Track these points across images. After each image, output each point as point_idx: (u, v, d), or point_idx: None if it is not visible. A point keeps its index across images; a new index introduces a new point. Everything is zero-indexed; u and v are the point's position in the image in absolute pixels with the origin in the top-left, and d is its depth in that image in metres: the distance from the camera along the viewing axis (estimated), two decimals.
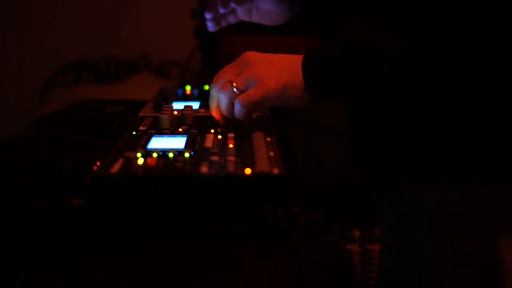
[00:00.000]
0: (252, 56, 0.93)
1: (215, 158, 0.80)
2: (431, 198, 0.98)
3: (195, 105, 1.13)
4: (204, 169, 0.76)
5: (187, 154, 0.82)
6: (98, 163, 0.78)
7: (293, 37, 1.52)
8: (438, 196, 0.97)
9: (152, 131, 0.94)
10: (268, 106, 0.95)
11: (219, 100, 0.94)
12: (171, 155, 0.81)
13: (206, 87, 1.28)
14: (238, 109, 0.92)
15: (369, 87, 0.93)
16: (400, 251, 1.03)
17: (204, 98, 1.21)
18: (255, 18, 1.15)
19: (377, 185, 1.11)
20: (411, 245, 1.01)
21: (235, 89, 0.92)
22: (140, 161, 0.79)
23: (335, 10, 1.09)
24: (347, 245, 0.84)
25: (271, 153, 0.81)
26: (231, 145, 0.86)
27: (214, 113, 0.95)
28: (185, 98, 1.24)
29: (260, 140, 0.88)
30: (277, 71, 0.91)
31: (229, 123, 0.96)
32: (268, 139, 0.89)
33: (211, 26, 1.16)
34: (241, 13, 1.15)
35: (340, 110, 1.15)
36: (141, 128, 0.96)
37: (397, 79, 0.90)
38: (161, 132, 0.94)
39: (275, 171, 0.75)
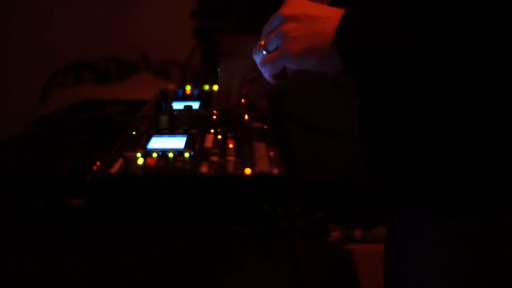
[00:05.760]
0: (288, 9, 0.87)
1: (215, 158, 0.80)
2: (444, 226, 0.90)
3: (195, 105, 1.13)
4: (204, 169, 0.76)
5: (187, 154, 0.81)
6: (98, 163, 0.78)
7: None
8: (452, 225, 0.89)
9: (152, 131, 0.94)
10: (293, 69, 0.90)
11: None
12: (171, 155, 0.81)
13: (206, 87, 1.28)
14: (264, 72, 0.91)
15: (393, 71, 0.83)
16: (405, 273, 0.97)
17: (204, 98, 1.21)
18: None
19: (390, 195, 1.01)
20: (416, 268, 0.94)
21: (264, 52, 0.89)
22: (140, 161, 0.79)
23: None
24: (347, 245, 0.83)
25: (271, 153, 0.81)
26: (231, 145, 0.85)
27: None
28: (185, 98, 1.24)
29: (260, 140, 0.88)
30: (305, 31, 0.85)
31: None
32: (268, 139, 0.89)
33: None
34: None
35: (340, 109, 1.14)
36: (141, 128, 0.96)
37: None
38: (161, 132, 0.94)
39: (275, 171, 0.75)
